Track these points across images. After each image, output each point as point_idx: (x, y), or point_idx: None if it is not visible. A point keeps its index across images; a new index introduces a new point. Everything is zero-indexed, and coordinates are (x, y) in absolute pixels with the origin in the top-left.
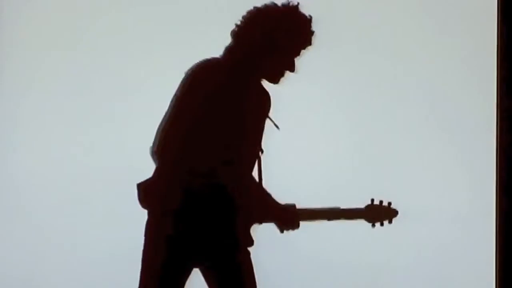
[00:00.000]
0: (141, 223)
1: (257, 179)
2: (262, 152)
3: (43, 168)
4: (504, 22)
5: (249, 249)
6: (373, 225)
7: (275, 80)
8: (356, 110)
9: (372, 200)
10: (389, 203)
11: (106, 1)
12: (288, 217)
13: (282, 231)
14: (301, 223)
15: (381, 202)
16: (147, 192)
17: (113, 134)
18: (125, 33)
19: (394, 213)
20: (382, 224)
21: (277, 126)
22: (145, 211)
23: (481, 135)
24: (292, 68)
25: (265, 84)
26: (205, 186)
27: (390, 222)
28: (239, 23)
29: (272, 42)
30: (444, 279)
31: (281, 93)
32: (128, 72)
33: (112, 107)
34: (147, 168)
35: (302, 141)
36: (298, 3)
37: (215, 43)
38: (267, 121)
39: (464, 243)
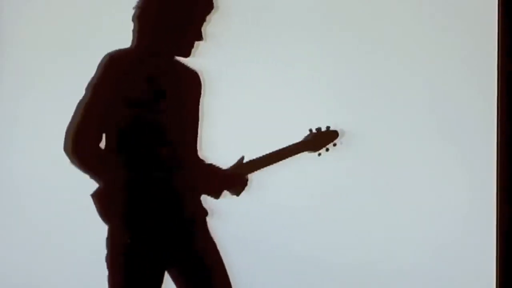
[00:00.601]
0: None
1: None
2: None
3: (43, 168)
4: (505, 22)
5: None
6: (319, 154)
7: (186, 53)
8: (356, 109)
9: (310, 130)
10: (328, 127)
11: (107, 1)
12: (237, 181)
13: (238, 195)
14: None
15: (318, 128)
16: (99, 204)
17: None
18: (126, 32)
19: (335, 134)
20: (327, 150)
21: None
22: None
23: (481, 135)
24: (199, 37)
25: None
26: (147, 182)
27: (334, 145)
28: (137, 3)
29: (172, 15)
30: (444, 280)
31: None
32: None
33: None
34: None
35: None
36: None
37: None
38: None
39: (464, 243)
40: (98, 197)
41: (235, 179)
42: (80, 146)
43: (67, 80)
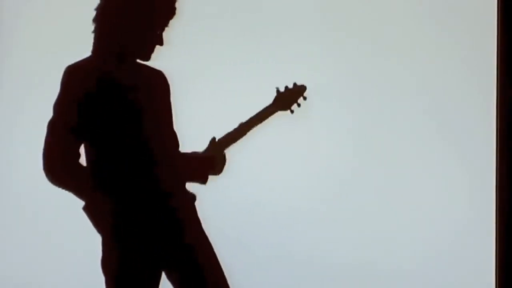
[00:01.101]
0: None
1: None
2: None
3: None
4: (504, 23)
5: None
6: (292, 111)
7: (146, 57)
8: (355, 111)
9: (277, 88)
10: (294, 83)
11: None
12: (216, 160)
13: (219, 173)
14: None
15: (286, 86)
16: (90, 216)
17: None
18: None
19: (303, 88)
20: (299, 105)
21: None
22: None
23: (481, 135)
24: (160, 42)
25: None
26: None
27: (304, 98)
28: (96, 7)
29: (132, 19)
30: (444, 280)
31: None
32: None
33: None
34: None
35: (301, 142)
36: None
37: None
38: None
39: (464, 243)
40: (87, 210)
41: (214, 158)
42: (51, 165)
43: None
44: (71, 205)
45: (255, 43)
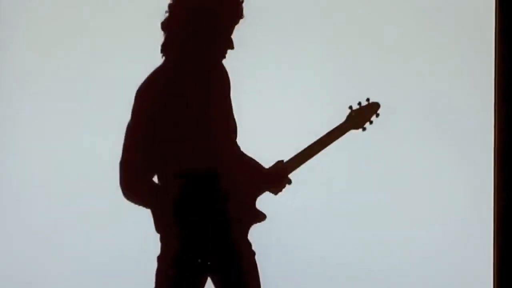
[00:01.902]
0: (142, 224)
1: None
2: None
3: (43, 170)
4: (502, 22)
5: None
6: (364, 129)
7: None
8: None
9: (351, 107)
10: (367, 99)
11: (107, 1)
12: (279, 177)
13: (276, 193)
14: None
15: (359, 103)
16: (155, 223)
17: (114, 135)
18: (127, 33)
19: (377, 106)
20: (371, 122)
21: None
22: (147, 212)
23: (479, 135)
24: (231, 46)
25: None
26: (192, 193)
27: (377, 116)
28: (166, 14)
29: (202, 25)
30: (443, 281)
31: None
32: (130, 73)
33: (113, 108)
34: None
35: (300, 143)
36: None
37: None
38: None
39: (463, 245)
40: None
41: (277, 177)
42: (126, 177)
43: (67, 81)
44: (71, 205)
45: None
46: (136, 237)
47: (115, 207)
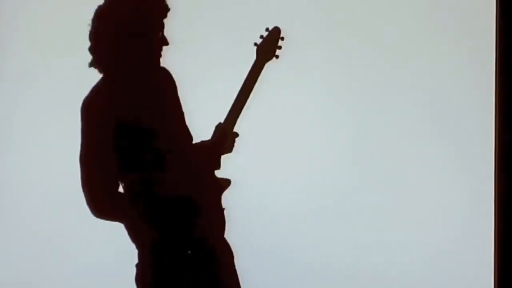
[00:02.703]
0: None
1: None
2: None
3: (43, 170)
4: (503, 22)
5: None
6: (276, 56)
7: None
8: (352, 111)
9: (255, 43)
10: (266, 28)
11: None
12: (222, 136)
13: (231, 150)
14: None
15: (261, 36)
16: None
17: None
18: None
19: (277, 30)
20: (279, 48)
21: None
22: None
23: (480, 136)
24: (165, 42)
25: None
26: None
27: (282, 39)
28: (89, 31)
29: (131, 28)
30: (442, 282)
31: (278, 92)
32: None
33: None
34: None
35: (298, 144)
36: None
37: (223, 46)
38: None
39: (463, 246)
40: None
41: (222, 137)
42: (93, 197)
43: (67, 81)
44: (71, 205)
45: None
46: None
47: None
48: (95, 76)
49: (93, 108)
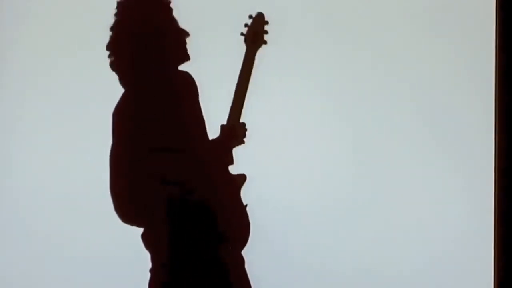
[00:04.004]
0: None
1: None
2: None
3: (42, 170)
4: (503, 23)
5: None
6: (265, 42)
7: (186, 57)
8: (350, 114)
9: (242, 33)
10: (249, 16)
11: (108, 1)
12: (230, 131)
13: (239, 144)
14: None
15: (245, 24)
16: (145, 243)
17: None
18: None
19: (260, 16)
20: (267, 33)
21: None
22: None
23: (480, 137)
24: (186, 34)
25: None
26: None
27: (267, 23)
28: (110, 38)
29: (148, 34)
30: (443, 283)
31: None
32: None
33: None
34: None
35: (296, 145)
36: None
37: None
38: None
39: (463, 246)
40: (143, 237)
41: (230, 132)
42: (118, 202)
43: (67, 82)
44: (70, 205)
45: None
46: (136, 237)
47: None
48: (95, 76)
49: (119, 113)
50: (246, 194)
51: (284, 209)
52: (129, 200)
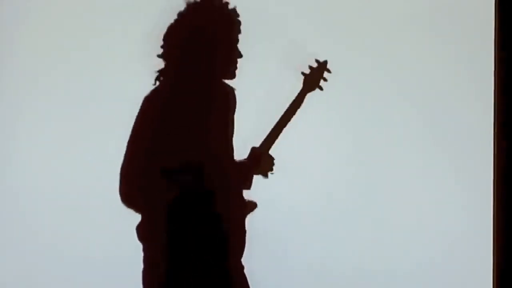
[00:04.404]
0: None
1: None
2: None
3: (42, 172)
4: (502, 24)
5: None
6: (320, 88)
7: (233, 75)
8: (350, 114)
9: (303, 73)
10: (316, 60)
11: (108, 2)
12: (256, 160)
13: (266, 177)
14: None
15: (309, 66)
16: (139, 236)
17: (114, 137)
18: (128, 33)
19: (325, 63)
20: (325, 80)
21: None
22: None
23: (479, 138)
24: (239, 55)
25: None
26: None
27: (328, 71)
28: (162, 42)
29: (204, 41)
30: (442, 284)
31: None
32: (132, 76)
33: (114, 111)
34: None
35: (296, 145)
36: None
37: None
38: None
39: (462, 247)
40: (138, 228)
41: (258, 159)
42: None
43: (67, 83)
44: (70, 205)
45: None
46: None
47: (116, 208)
48: (95, 76)
49: (147, 104)
50: (247, 194)
51: (284, 209)
52: (138, 187)
